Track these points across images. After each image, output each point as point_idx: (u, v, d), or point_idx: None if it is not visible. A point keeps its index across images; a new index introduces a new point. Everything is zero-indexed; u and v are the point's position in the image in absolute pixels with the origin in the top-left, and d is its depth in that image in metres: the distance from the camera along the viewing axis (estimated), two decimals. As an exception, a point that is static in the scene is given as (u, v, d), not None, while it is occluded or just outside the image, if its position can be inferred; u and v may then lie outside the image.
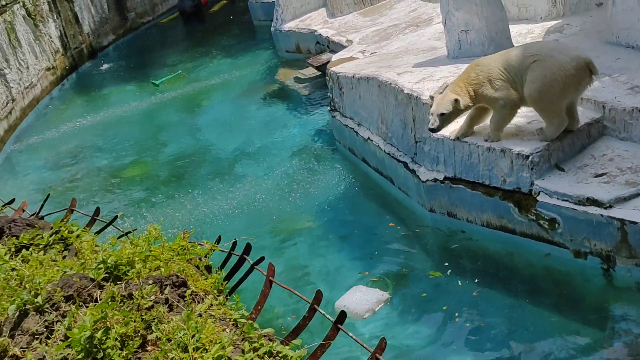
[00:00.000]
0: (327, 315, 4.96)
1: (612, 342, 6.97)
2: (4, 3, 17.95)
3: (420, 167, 9.34)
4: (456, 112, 8.00)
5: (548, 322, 7.40)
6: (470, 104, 8.03)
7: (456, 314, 7.68)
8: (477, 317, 7.62)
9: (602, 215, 7.41)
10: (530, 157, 7.99)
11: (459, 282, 8.17)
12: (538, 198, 7.99)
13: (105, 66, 21.56)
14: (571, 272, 7.93)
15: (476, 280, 8.15)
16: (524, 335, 7.30)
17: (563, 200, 7.76)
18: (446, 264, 8.57)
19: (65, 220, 7.14)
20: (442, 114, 7.93)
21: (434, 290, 8.17)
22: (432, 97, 8.12)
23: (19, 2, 18.79)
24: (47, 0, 20.47)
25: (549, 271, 8.07)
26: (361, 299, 7.97)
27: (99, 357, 4.26)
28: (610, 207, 7.40)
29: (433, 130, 8.09)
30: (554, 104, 7.73)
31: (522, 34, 10.74)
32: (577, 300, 7.58)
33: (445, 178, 8.99)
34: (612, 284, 7.66)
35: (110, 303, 4.70)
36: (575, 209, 7.64)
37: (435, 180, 9.09)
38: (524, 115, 8.77)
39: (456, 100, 7.88)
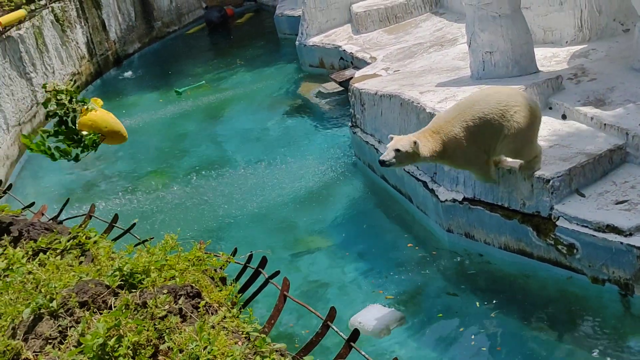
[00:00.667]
0: (340, 333, 4.93)
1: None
2: (33, 8, 18.17)
3: (440, 187, 9.31)
4: (414, 155, 7.70)
5: (564, 349, 7.32)
6: (435, 155, 7.81)
7: (472, 337, 7.62)
8: (493, 341, 7.56)
9: (621, 243, 7.34)
10: (551, 182, 7.93)
11: (476, 303, 8.11)
12: (557, 223, 7.92)
13: (129, 73, 21.75)
14: (588, 298, 7.85)
15: (493, 302, 8.08)
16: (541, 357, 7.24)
17: (582, 226, 7.69)
18: (462, 285, 8.52)
19: (83, 225, 7.17)
20: (397, 150, 7.67)
21: (449, 311, 8.11)
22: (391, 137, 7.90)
23: (48, 8, 19.03)
24: (75, 7, 20.72)
25: (566, 297, 7.99)
26: (376, 317, 7.92)
27: (110, 364, 4.26)
28: (631, 235, 7.32)
29: (382, 163, 7.69)
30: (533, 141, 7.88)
31: (547, 57, 10.71)
32: (593, 328, 7.49)
33: (464, 199, 8.95)
34: (629, 312, 7.57)
35: (124, 311, 4.71)
36: (594, 235, 7.56)
37: (454, 200, 9.05)
38: (546, 139, 8.72)
39: (415, 143, 7.67)
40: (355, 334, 4.93)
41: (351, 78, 12.98)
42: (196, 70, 20.55)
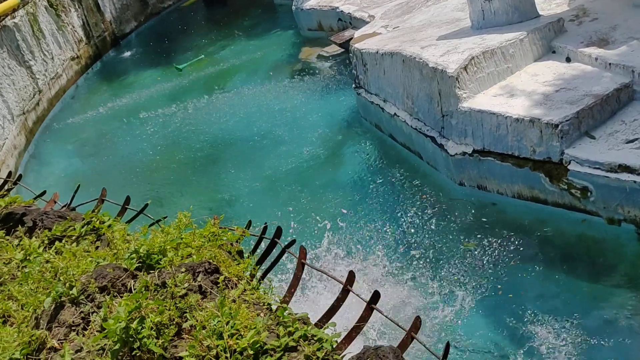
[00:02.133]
0: (361, 297, 4.93)
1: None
2: (25, -5, 18.04)
3: (448, 141, 9.26)
4: None
5: (585, 290, 7.35)
6: None
7: (497, 285, 7.66)
8: (518, 287, 7.59)
9: (635, 182, 7.31)
10: (560, 126, 7.87)
11: (495, 253, 8.13)
12: (569, 167, 7.89)
13: (128, 53, 21.62)
14: (605, 239, 7.85)
15: (512, 250, 8.10)
16: (559, 303, 7.27)
17: (594, 168, 7.65)
18: (479, 235, 8.53)
19: (96, 210, 7.17)
20: None
21: (469, 261, 8.13)
22: None
23: (40, -6, 18.88)
24: (68, -10, 20.54)
25: (582, 239, 7.99)
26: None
27: (135, 346, 4.28)
28: (644, 173, 7.28)
29: None
30: None
31: (547, 0, 10.54)
32: (611, 267, 7.51)
33: (474, 151, 8.90)
34: (648, 250, 7.57)
35: (144, 292, 4.72)
36: (607, 177, 7.53)
37: (464, 153, 9.01)
38: (552, 84, 8.65)
39: None
40: (376, 297, 4.92)
41: (351, 39, 12.85)
42: (195, 44, 20.40)
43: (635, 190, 7.33)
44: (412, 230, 8.99)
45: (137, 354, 4.26)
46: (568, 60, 9.10)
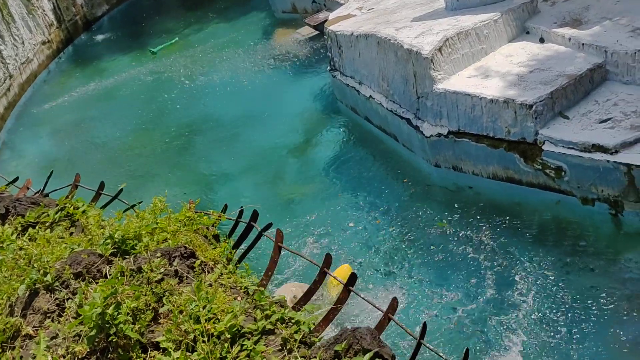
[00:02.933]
0: (338, 278, 4.94)
1: (624, 285, 6.99)
2: (-6, -21, 17.73)
3: (424, 123, 9.27)
4: None
5: (562, 269, 7.43)
6: None
7: (473, 264, 7.73)
8: (495, 267, 7.66)
9: (608, 161, 7.38)
10: (534, 107, 7.92)
11: (471, 233, 8.18)
12: (543, 147, 7.94)
13: (100, 37, 21.34)
14: (580, 219, 7.93)
15: (488, 231, 8.16)
16: (533, 280, 7.35)
17: (568, 148, 7.71)
18: (455, 216, 8.57)
19: (70, 196, 7.10)
20: None
21: (446, 242, 8.18)
22: None
23: (9, -23, 18.55)
24: (37, -27, 20.19)
25: (557, 219, 8.07)
26: None
27: (111, 332, 4.25)
28: (616, 152, 7.36)
29: None
30: None
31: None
32: (585, 246, 7.59)
33: (449, 132, 8.93)
34: (620, 229, 7.66)
35: (119, 278, 4.69)
36: (581, 156, 7.60)
37: (439, 135, 9.03)
38: (526, 65, 8.68)
39: None
40: (353, 278, 4.94)
41: (325, 21, 12.78)
42: (168, 26, 20.18)
43: (608, 169, 7.40)
44: (389, 211, 9.02)
45: (114, 340, 4.24)
46: (542, 40, 9.13)
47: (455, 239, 8.20)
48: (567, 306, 6.94)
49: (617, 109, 7.91)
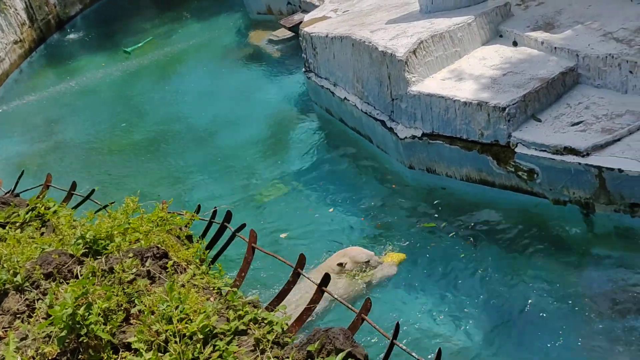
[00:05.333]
0: (311, 279, 4.94)
1: (594, 284, 7.07)
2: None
3: (398, 125, 9.30)
4: None
5: (532, 270, 7.48)
6: None
7: (446, 266, 7.77)
8: (469, 268, 7.70)
9: (579, 164, 7.45)
10: (507, 109, 7.98)
11: (445, 234, 8.22)
12: (516, 150, 8.00)
13: (74, 36, 21.16)
14: (551, 220, 8.01)
15: (461, 232, 8.20)
16: (505, 282, 7.39)
17: (541, 150, 7.78)
18: (429, 219, 8.60)
19: (41, 196, 7.03)
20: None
21: (420, 244, 8.20)
22: None
23: (-20, -25, 18.34)
24: (9, -28, 19.97)
25: (529, 220, 8.13)
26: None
27: (82, 333, 4.21)
28: (588, 155, 7.43)
29: None
30: None
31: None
32: (557, 247, 7.66)
33: (423, 134, 8.97)
34: (592, 230, 7.74)
35: (91, 278, 4.64)
36: (553, 159, 7.67)
37: (414, 137, 9.07)
38: (499, 68, 8.75)
39: None
40: (326, 279, 4.94)
41: (300, 22, 12.79)
42: (143, 26, 20.07)
43: (580, 172, 7.48)
44: (362, 213, 9.03)
45: (85, 341, 4.19)
46: (515, 44, 9.22)
47: (429, 240, 8.22)
48: (537, 305, 7.00)
49: (588, 112, 8.00)
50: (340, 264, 7.69)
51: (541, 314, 6.90)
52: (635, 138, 7.45)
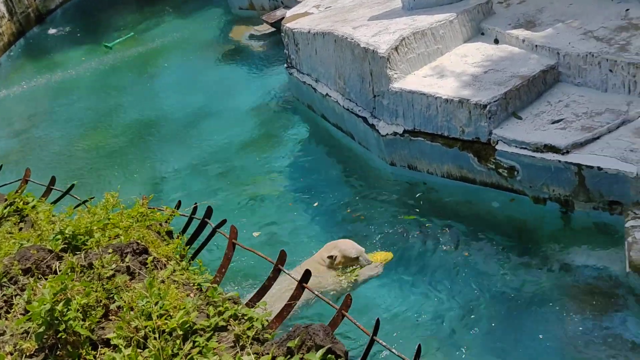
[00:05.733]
0: (292, 275, 4.94)
1: (573, 281, 7.13)
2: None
3: (380, 121, 9.31)
4: None
5: (511, 267, 7.52)
6: None
7: (427, 263, 7.78)
8: (447, 266, 7.72)
9: (559, 161, 7.50)
10: (488, 107, 8.01)
11: (425, 232, 8.23)
12: (497, 147, 8.04)
13: (54, 30, 20.96)
14: (531, 217, 8.05)
15: (442, 229, 8.22)
16: (487, 277, 7.44)
17: (521, 147, 7.82)
18: (410, 216, 8.61)
19: (19, 191, 6.98)
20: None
21: (400, 242, 8.21)
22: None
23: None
24: (-13, -37, 19.74)
25: (509, 218, 8.18)
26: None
27: (61, 329, 4.19)
28: (568, 152, 7.48)
29: None
30: None
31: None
32: (538, 244, 7.71)
33: (405, 131, 8.98)
34: (571, 228, 7.79)
35: (69, 274, 4.62)
36: (533, 156, 7.71)
37: (395, 133, 9.08)
38: (480, 65, 8.78)
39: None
40: (307, 275, 4.94)
41: (283, 18, 12.76)
42: (124, 21, 19.92)
43: (559, 169, 7.53)
44: (344, 208, 9.04)
45: (63, 337, 4.17)
46: (496, 42, 9.26)
47: (411, 234, 8.24)
48: (516, 302, 7.04)
49: (568, 110, 8.06)
50: (330, 257, 7.65)
51: (520, 311, 6.94)
52: (614, 136, 7.52)
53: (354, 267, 7.70)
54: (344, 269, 7.68)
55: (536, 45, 8.72)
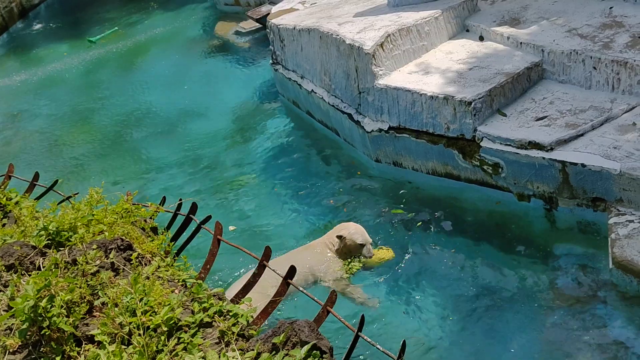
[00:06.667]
0: (277, 272, 4.93)
1: (557, 278, 7.17)
2: None
3: (365, 118, 9.32)
4: None
5: (495, 263, 7.56)
6: None
7: (409, 259, 7.79)
8: (432, 263, 7.74)
9: (543, 158, 7.54)
10: (473, 104, 8.04)
11: (409, 228, 8.25)
12: (481, 144, 8.07)
13: (38, 25, 20.81)
14: (515, 214, 8.09)
15: (426, 226, 8.24)
16: (470, 273, 7.47)
17: (506, 144, 7.85)
18: (395, 212, 8.63)
19: (2, 187, 6.93)
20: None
21: (386, 238, 8.22)
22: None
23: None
24: (-30, -42, 19.59)
25: (493, 214, 8.21)
26: None
27: (44, 325, 4.16)
28: (552, 149, 7.52)
29: None
30: None
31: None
32: (520, 241, 7.74)
33: (390, 128, 9.00)
34: (555, 225, 7.84)
35: (53, 270, 4.58)
36: (517, 153, 7.75)
37: (380, 130, 9.09)
38: (465, 62, 8.81)
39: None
40: (292, 271, 4.94)
41: (268, 14, 12.74)
42: (108, 16, 19.82)
43: (544, 166, 7.56)
44: (328, 209, 9.03)
45: (47, 333, 4.14)
46: (481, 39, 9.29)
47: (397, 229, 8.26)
48: (501, 298, 7.07)
49: (553, 107, 8.10)
50: (340, 237, 7.61)
51: (504, 307, 6.97)
52: (598, 133, 7.57)
53: (356, 257, 7.64)
54: (348, 256, 7.62)
55: (521, 43, 8.76)
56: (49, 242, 5.15)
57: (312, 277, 7.45)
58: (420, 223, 8.29)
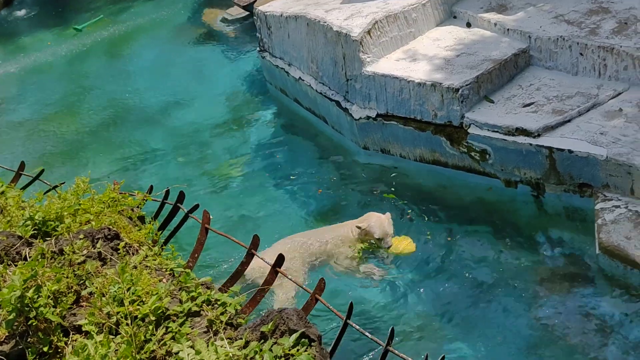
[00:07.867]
0: (265, 259, 4.94)
1: (545, 264, 7.22)
2: None
3: (353, 105, 9.31)
4: None
5: (482, 250, 7.59)
6: None
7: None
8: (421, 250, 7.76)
9: (531, 144, 7.57)
10: (460, 90, 8.04)
11: (398, 215, 8.25)
12: (469, 130, 8.08)
13: (22, 12, 20.59)
14: (502, 200, 8.12)
15: (415, 212, 8.26)
16: (457, 260, 7.49)
17: (493, 131, 7.87)
18: (384, 200, 8.64)
19: (-12, 177, 6.88)
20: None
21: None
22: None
23: None
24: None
25: (481, 201, 8.24)
26: None
27: (31, 315, 4.15)
28: (539, 135, 7.55)
29: None
30: None
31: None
32: (509, 227, 7.78)
33: (378, 115, 8.99)
34: (542, 211, 7.87)
35: (40, 260, 4.57)
36: (505, 139, 7.77)
37: (368, 117, 9.08)
38: (453, 49, 8.81)
39: None
40: (280, 260, 4.94)
41: (255, 1, 12.65)
42: (94, 4, 19.61)
43: (531, 152, 7.59)
44: (317, 197, 9.03)
45: (34, 324, 4.13)
46: (468, 25, 9.28)
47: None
48: (489, 284, 7.11)
49: (540, 93, 8.12)
50: (359, 227, 7.61)
51: (493, 293, 7.01)
52: (584, 119, 7.60)
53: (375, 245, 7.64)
54: (371, 244, 7.64)
55: (508, 29, 8.76)
56: (35, 232, 5.13)
57: (326, 255, 7.48)
58: (408, 210, 8.30)
